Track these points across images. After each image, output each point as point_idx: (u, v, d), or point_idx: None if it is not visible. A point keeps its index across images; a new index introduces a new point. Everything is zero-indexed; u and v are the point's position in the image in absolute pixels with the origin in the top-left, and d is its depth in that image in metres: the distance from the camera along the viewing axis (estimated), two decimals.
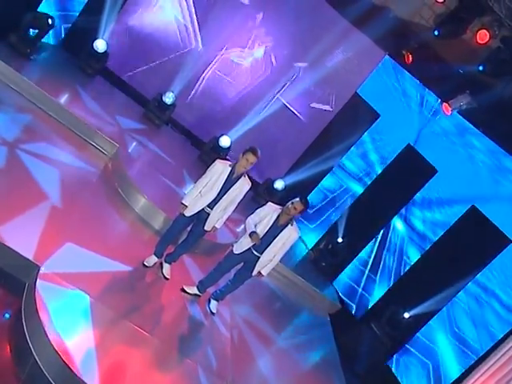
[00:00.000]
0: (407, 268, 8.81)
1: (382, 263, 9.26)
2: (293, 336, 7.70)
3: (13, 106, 7.24)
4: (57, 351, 4.41)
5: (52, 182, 6.37)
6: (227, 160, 6.13)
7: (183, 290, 6.36)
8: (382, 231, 9.39)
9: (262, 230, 5.99)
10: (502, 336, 7.04)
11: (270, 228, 6.00)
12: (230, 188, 5.91)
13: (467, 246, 8.07)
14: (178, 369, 5.36)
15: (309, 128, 10.51)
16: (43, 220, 5.61)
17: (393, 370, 8.24)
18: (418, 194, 9.03)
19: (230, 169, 5.88)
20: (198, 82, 10.28)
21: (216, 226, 6.11)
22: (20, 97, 7.49)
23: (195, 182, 6.05)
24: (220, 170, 5.88)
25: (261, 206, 6.20)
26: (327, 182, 10.51)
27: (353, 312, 9.18)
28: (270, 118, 10.40)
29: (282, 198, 9.59)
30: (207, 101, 10.45)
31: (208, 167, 6.01)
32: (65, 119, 7.72)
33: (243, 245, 6.10)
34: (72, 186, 6.60)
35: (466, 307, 8.18)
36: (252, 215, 6.12)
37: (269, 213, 6.04)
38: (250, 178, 6.03)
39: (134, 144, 8.45)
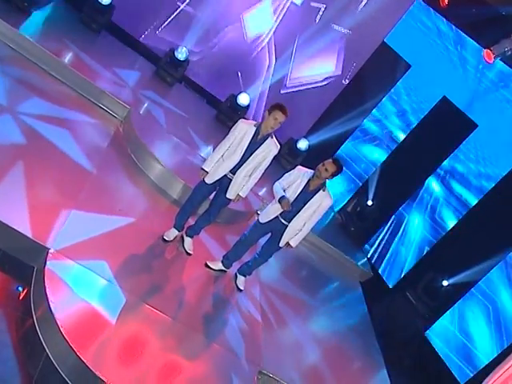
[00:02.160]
0: (444, 232, 8.13)
1: (415, 227, 8.61)
2: (323, 307, 7.15)
3: (11, 66, 6.56)
4: (70, 345, 3.88)
5: (58, 149, 5.77)
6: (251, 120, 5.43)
7: (207, 266, 5.80)
8: (415, 192, 8.69)
9: (290, 197, 5.36)
10: None
11: (299, 194, 5.36)
12: (255, 151, 5.26)
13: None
14: (203, 355, 4.83)
15: (332, 83, 9.73)
16: (50, 191, 5.03)
17: (430, 341, 7.69)
18: (455, 152, 8.28)
19: (254, 129, 5.22)
20: (213, 36, 9.48)
21: (241, 194, 5.49)
22: (19, 56, 6.80)
23: (216, 145, 5.39)
24: (244, 130, 5.21)
25: (288, 171, 5.58)
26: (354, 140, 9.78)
27: (385, 280, 8.60)
28: (289, 75, 9.63)
29: (306, 159, 8.98)
30: (223, 56, 9.66)
31: (230, 128, 5.36)
32: (69, 80, 7.05)
33: (270, 213, 5.48)
34: (80, 154, 5.96)
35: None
36: (279, 180, 5.49)
37: (298, 177, 5.39)
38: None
39: (146, 105, 7.75)
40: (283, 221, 5.47)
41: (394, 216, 8.87)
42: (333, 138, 9.41)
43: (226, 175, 5.34)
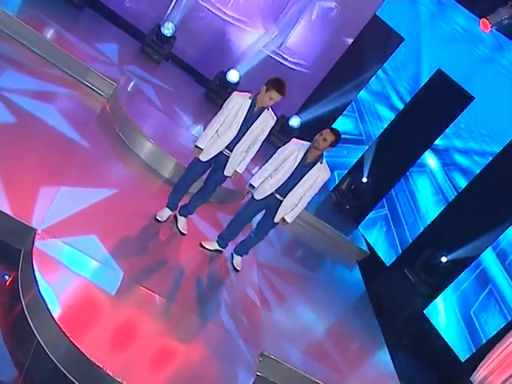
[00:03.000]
0: (442, 208, 7.96)
1: (411, 204, 8.44)
2: (321, 287, 6.96)
3: None
4: (63, 330, 3.65)
5: (43, 128, 5.47)
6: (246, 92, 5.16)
7: (202, 246, 5.58)
8: (411, 168, 8.50)
9: (287, 171, 5.14)
10: None
11: (296, 167, 5.14)
12: (251, 124, 5.02)
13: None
14: (201, 337, 4.62)
15: (323, 58, 9.45)
16: (38, 173, 4.76)
17: (430, 318, 7.56)
18: (452, 126, 8.09)
19: (250, 101, 4.97)
20: (199, 11, 9.15)
21: (238, 170, 5.26)
22: None
23: (208, 123, 5.14)
24: (239, 103, 4.96)
25: (283, 145, 5.35)
26: (346, 118, 9.54)
27: (382, 258, 8.44)
28: (279, 50, 9.34)
29: (298, 136, 8.73)
30: (210, 32, 9.34)
31: (221, 105, 5.10)
32: (52, 56, 6.71)
33: (266, 189, 5.26)
34: (65, 133, 5.67)
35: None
36: (270, 160, 5.26)
37: (294, 150, 5.16)
38: None
39: (133, 83, 7.44)
40: (279, 196, 5.26)
41: (389, 193, 8.68)
42: (325, 114, 9.16)
43: (221, 152, 5.10)
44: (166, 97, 7.79)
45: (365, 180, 8.82)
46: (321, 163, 5.16)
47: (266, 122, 5.05)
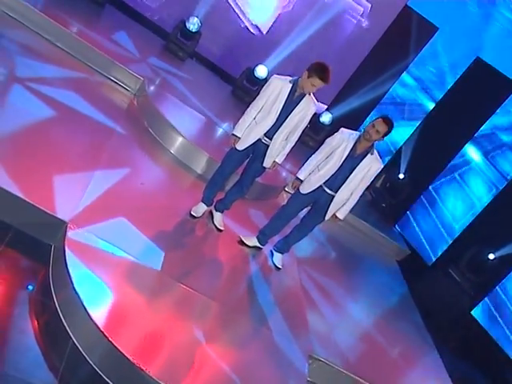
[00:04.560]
0: (489, 200, 7.50)
1: (453, 199, 8.01)
2: (362, 288, 6.56)
3: (14, 37, 5.97)
4: (101, 330, 3.31)
5: (68, 127, 5.18)
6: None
7: (241, 242, 5.22)
8: (451, 162, 8.07)
9: (335, 162, 4.79)
10: None
11: (345, 159, 4.78)
12: (291, 111, 4.67)
13: None
14: (246, 337, 4.26)
15: (353, 51, 9.11)
16: (66, 171, 4.44)
17: (478, 319, 7.10)
18: (493, 116, 7.66)
19: (290, 86, 4.62)
20: (224, 8, 8.89)
21: (277, 160, 4.91)
22: (22, 27, 6.21)
23: (246, 108, 4.80)
24: (278, 87, 4.62)
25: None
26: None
27: (423, 257, 8.00)
28: (307, 43, 9.01)
29: (329, 134, 8.37)
30: (235, 29, 9.07)
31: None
32: (77, 52, 6.45)
33: (313, 182, 4.89)
34: (92, 130, 5.38)
35: None
36: (317, 152, 4.91)
37: (342, 140, 4.80)
38: None
39: (160, 77, 7.16)
40: (328, 190, 4.89)
41: (428, 189, 8.25)
42: (357, 108, 8.79)
43: (260, 140, 4.76)
44: (194, 93, 7.49)
45: (401, 176, 8.41)
46: (372, 154, 4.80)
47: (307, 108, 4.70)
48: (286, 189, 6.95)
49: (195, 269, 4.56)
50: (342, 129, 4.93)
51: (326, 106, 8.82)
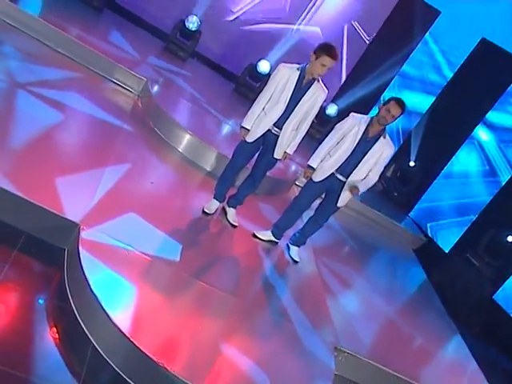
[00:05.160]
0: (502, 184, 7.37)
1: (466, 184, 7.87)
2: (380, 277, 6.42)
3: (15, 45, 5.90)
4: (122, 331, 3.21)
5: (74, 130, 5.10)
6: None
7: (255, 236, 5.12)
8: (462, 146, 7.94)
9: (347, 147, 4.68)
10: None
11: (357, 144, 4.67)
12: (301, 98, 4.56)
13: None
14: (270, 331, 4.12)
15: (354, 40, 9.02)
16: (73, 173, 4.34)
17: (500, 303, 6.97)
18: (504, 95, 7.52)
19: (298, 73, 4.51)
20: (222, 4, 8.81)
21: (288, 151, 4.80)
22: (22, 35, 6.14)
23: (255, 100, 4.70)
24: (286, 75, 4.51)
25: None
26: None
27: (440, 244, 7.87)
28: (307, 36, 8.93)
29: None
30: (234, 27, 9.00)
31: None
32: (78, 56, 6.38)
33: (325, 169, 4.78)
34: (98, 132, 5.30)
35: None
36: (327, 139, 4.80)
37: (354, 125, 4.70)
38: None
39: (163, 77, 7.08)
40: (340, 177, 4.78)
41: (440, 175, 8.12)
42: (363, 98, 8.69)
43: (270, 130, 4.65)
44: (197, 91, 7.41)
45: (412, 164, 8.29)
46: (384, 138, 4.70)
47: (316, 94, 4.59)
48: (297, 182, 6.85)
49: (212, 265, 4.46)
50: (352, 113, 4.83)
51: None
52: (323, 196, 5.06)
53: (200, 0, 8.58)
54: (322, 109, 8.62)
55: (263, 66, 8.27)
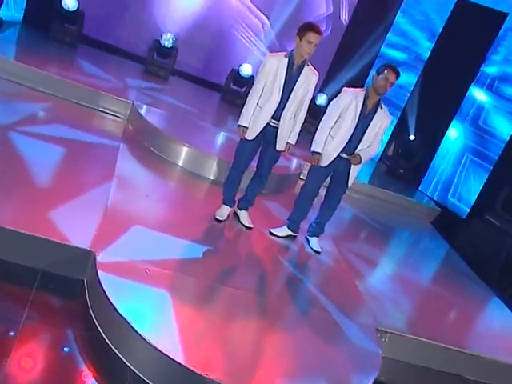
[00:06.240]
0: (506, 141, 7.24)
1: (471, 147, 7.75)
2: (404, 254, 6.30)
3: None
4: (159, 349, 3.07)
5: (72, 164, 4.97)
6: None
7: (272, 234, 4.99)
8: (460, 109, 7.82)
9: (350, 124, 4.56)
10: None
11: (358, 119, 4.56)
12: (294, 86, 4.46)
13: None
14: (305, 323, 3.97)
15: (332, 27, 8.96)
16: (82, 208, 4.21)
17: None
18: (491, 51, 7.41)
19: (287, 60, 4.43)
20: (189, 21, 8.76)
21: (290, 141, 4.68)
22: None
23: (247, 96, 4.60)
24: (275, 65, 4.42)
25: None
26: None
27: (456, 212, 7.74)
28: (284, 31, 8.88)
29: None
30: (209, 36, 8.94)
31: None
32: (61, 91, 6.29)
33: (330, 152, 4.67)
34: (92, 158, 5.18)
35: None
36: (326, 114, 4.68)
37: (351, 99, 4.57)
38: None
39: (148, 97, 6.99)
40: (345, 156, 4.67)
41: (443, 142, 7.99)
42: (350, 83, 8.58)
43: (268, 124, 4.54)
44: (185, 104, 7.33)
45: (412, 138, 8.18)
46: (381, 108, 4.60)
47: (309, 79, 4.50)
48: (302, 176, 6.74)
49: (234, 269, 4.33)
50: (345, 88, 4.72)
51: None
52: (329, 180, 4.94)
53: (170, 18, 8.52)
54: (312, 100, 8.52)
55: (246, 70, 8.21)
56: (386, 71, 4.44)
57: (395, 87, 4.87)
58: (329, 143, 4.65)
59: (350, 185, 4.80)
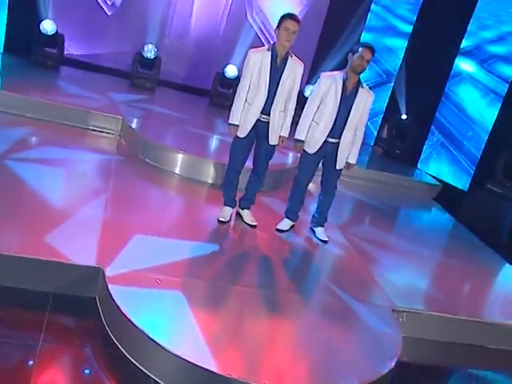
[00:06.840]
0: (499, 105, 7.21)
1: (463, 117, 7.73)
2: (410, 236, 6.22)
3: None
4: (183, 358, 3.05)
5: (66, 184, 4.96)
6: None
7: (278, 230, 4.98)
8: (448, 83, 7.81)
9: (332, 109, 4.56)
10: None
11: (340, 102, 4.55)
12: (280, 78, 4.47)
13: None
14: (323, 314, 3.96)
15: (311, 17, 8.93)
16: (80, 226, 4.20)
17: None
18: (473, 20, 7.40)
19: (270, 53, 4.44)
20: (168, 29, 8.76)
21: (282, 134, 4.69)
22: None
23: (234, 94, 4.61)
24: (259, 59, 4.44)
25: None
26: None
27: (457, 185, 7.72)
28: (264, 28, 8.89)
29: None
30: (188, 44, 8.94)
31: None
32: (47, 114, 6.28)
33: (317, 138, 4.67)
34: (90, 180, 5.16)
35: None
36: (308, 102, 4.70)
37: (330, 83, 4.58)
38: None
39: (137, 110, 6.99)
40: (333, 140, 4.67)
41: (435, 118, 7.98)
42: (336, 69, 8.57)
43: (258, 119, 4.54)
44: (175, 112, 7.33)
45: (404, 117, 8.17)
46: (362, 87, 4.60)
47: (294, 69, 4.52)
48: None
49: (243, 268, 4.33)
50: (323, 73, 4.74)
51: None
52: (321, 166, 4.93)
53: (149, 30, 8.51)
54: (299, 93, 8.51)
55: (231, 71, 8.21)
56: (360, 49, 4.46)
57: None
58: (314, 129, 4.65)
59: (338, 167, 4.78)
